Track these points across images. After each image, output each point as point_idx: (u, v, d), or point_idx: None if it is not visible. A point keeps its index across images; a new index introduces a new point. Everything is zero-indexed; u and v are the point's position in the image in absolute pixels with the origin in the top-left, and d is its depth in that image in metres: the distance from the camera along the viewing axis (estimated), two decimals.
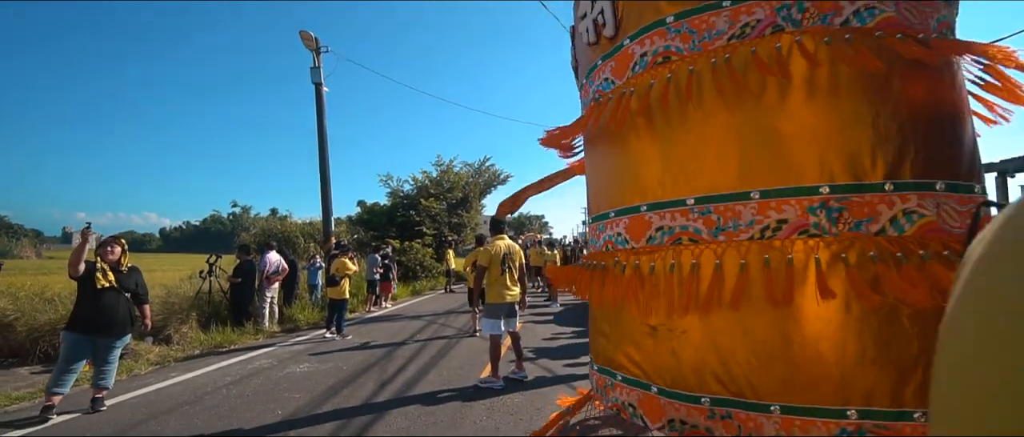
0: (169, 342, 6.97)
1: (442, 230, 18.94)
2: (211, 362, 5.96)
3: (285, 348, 6.84)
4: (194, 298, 8.20)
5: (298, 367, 5.64)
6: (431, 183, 20.06)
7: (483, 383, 4.80)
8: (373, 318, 9.92)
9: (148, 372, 5.60)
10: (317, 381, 5.02)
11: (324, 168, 11.29)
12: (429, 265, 17.05)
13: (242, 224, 52.24)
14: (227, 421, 3.86)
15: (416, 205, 18.77)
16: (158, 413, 4.08)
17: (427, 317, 9.90)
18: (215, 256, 8.71)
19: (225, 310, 8.31)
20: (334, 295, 7.72)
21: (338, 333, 7.52)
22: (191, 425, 3.78)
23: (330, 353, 6.40)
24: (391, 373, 5.35)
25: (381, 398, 4.45)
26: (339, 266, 7.79)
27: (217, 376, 5.31)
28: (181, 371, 5.54)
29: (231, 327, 7.73)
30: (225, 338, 7.28)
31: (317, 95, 11.19)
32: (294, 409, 4.14)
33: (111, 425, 3.79)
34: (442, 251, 17.03)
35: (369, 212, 19.79)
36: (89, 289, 4.12)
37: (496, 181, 23.04)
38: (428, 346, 6.83)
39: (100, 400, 4.14)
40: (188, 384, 5.01)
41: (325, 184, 11.31)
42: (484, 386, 4.73)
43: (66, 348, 3.98)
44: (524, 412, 4.06)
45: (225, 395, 4.58)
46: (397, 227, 18.34)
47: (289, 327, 8.71)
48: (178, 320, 7.46)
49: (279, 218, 22.45)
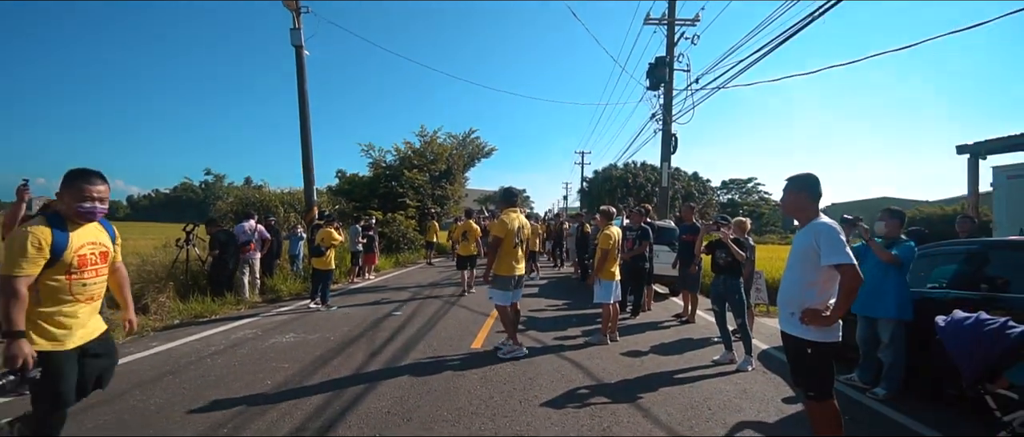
0: (146, 311, 6.75)
1: (425, 202, 18.73)
2: (192, 332, 5.81)
3: (269, 318, 6.72)
4: (171, 267, 7.94)
5: (284, 337, 5.55)
6: (414, 154, 19.70)
7: (506, 353, 4.84)
8: (358, 289, 9.82)
9: (125, 341, 5.42)
10: (305, 351, 4.95)
11: (305, 135, 10.90)
12: (412, 237, 16.89)
13: (215, 193, 50.60)
14: (216, 390, 3.78)
15: (399, 176, 18.46)
16: (141, 382, 3.95)
17: (412, 288, 9.85)
18: (192, 224, 8.42)
19: (204, 280, 8.09)
20: (319, 266, 7.58)
21: (323, 304, 7.41)
22: (178, 394, 3.69)
23: (316, 324, 6.31)
24: (379, 344, 5.31)
25: (372, 368, 4.42)
26: (325, 236, 7.63)
27: (199, 346, 5.18)
28: (162, 341, 5.38)
29: (211, 297, 7.54)
30: (205, 308, 7.10)
31: (297, 58, 10.69)
32: (284, 379, 4.07)
33: (92, 394, 3.66)
34: (425, 223, 16.86)
35: (350, 183, 19.36)
36: None
37: (480, 154, 22.80)
38: (416, 317, 6.81)
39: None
40: (169, 354, 4.87)
41: (306, 152, 10.95)
42: (507, 356, 4.79)
43: None
44: (517, 381, 4.09)
45: (210, 365, 4.48)
46: (380, 198, 18.05)
47: (271, 297, 8.55)
48: (155, 289, 7.22)
49: (255, 187, 21.81)
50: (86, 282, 2.31)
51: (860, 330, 4.12)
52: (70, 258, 2.22)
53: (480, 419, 3.30)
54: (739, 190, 65.35)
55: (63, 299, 2.24)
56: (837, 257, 2.39)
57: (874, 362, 4.03)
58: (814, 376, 2.53)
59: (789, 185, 2.69)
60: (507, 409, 3.48)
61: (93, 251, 2.34)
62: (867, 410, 3.66)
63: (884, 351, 3.87)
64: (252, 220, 8.99)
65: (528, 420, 3.30)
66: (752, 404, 3.72)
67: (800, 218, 2.66)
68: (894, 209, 4.17)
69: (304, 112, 10.87)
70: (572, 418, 3.34)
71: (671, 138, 13.44)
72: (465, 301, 8.25)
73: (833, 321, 2.44)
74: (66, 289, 2.24)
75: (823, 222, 2.53)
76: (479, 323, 6.45)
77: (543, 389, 3.92)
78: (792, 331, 2.57)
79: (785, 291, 2.67)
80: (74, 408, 3.41)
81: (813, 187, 2.61)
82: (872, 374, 4.06)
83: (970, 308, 2.90)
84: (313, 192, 11.37)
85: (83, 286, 2.29)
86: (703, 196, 48.33)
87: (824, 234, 2.45)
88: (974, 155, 8.69)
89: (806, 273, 2.53)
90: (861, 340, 4.12)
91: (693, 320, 6.74)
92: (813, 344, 2.49)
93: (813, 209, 2.61)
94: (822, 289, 2.50)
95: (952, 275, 4.10)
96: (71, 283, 2.25)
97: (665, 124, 13.41)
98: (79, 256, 2.25)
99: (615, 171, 44.37)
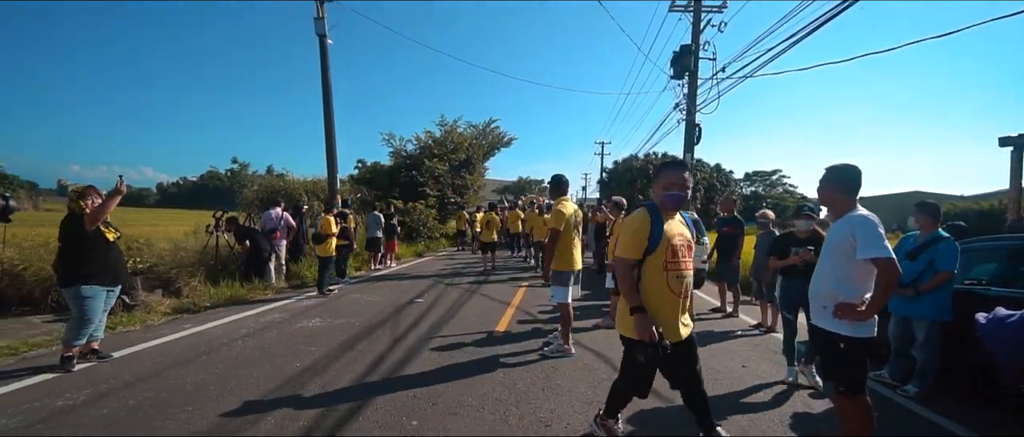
0: (179, 295, 7.01)
1: (445, 191, 18.84)
2: (223, 315, 6.01)
3: (297, 303, 6.90)
4: (202, 252, 8.20)
5: (310, 322, 5.69)
6: (434, 143, 19.78)
7: (553, 351, 4.52)
8: (380, 276, 9.99)
9: (161, 323, 5.64)
10: (331, 335, 5.07)
11: (329, 125, 11.06)
12: (432, 226, 17.04)
13: (240, 181, 51.91)
14: (248, 370, 3.91)
15: (419, 165, 18.58)
16: (178, 363, 4.12)
17: (433, 276, 9.97)
18: (221, 211, 8.66)
19: (232, 265, 8.34)
20: (321, 252, 7.83)
21: (319, 291, 7.59)
22: (212, 374, 3.83)
23: (341, 309, 6.45)
24: (403, 329, 5.41)
25: (397, 353, 4.50)
26: (323, 224, 7.86)
27: (231, 328, 5.36)
28: (195, 323, 5.58)
29: (240, 282, 7.78)
30: (235, 292, 7.34)
31: (321, 47, 10.81)
32: (312, 361, 4.19)
33: (132, 373, 3.84)
34: (445, 213, 16.97)
35: (371, 171, 19.60)
36: (101, 241, 4.08)
37: (500, 143, 22.75)
38: (438, 304, 6.90)
39: (99, 351, 4.17)
40: (203, 335, 5.05)
41: (330, 141, 11.11)
42: (554, 354, 4.49)
43: (89, 301, 3.96)
44: (540, 369, 4.12)
45: (242, 347, 4.63)
46: (400, 187, 18.22)
47: (296, 283, 8.77)
48: (187, 273, 7.48)
49: (277, 175, 22.24)
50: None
51: (893, 326, 4.00)
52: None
53: (504, 405, 3.34)
54: (763, 182, 63.83)
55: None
56: (875, 251, 2.32)
57: (906, 359, 3.92)
58: (845, 371, 2.48)
59: (823, 176, 2.63)
60: (530, 396, 3.52)
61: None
62: (898, 407, 3.58)
63: (918, 349, 3.76)
64: (279, 208, 9.22)
65: (551, 407, 3.33)
66: (775, 394, 3.67)
67: (833, 210, 2.59)
68: (927, 203, 3.93)
69: (327, 101, 11.01)
70: (595, 407, 3.35)
71: (695, 128, 13.17)
72: (486, 289, 8.31)
73: (868, 316, 2.38)
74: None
75: (859, 214, 2.46)
76: (501, 311, 6.50)
77: (565, 377, 3.94)
78: (824, 325, 2.52)
79: (817, 284, 2.61)
80: (115, 385, 3.60)
81: (846, 180, 2.53)
82: (903, 371, 3.95)
83: (1013, 306, 2.80)
84: (337, 181, 11.56)
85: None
86: (726, 188, 47.33)
87: (861, 227, 2.38)
88: (1018, 148, 8.29)
89: (840, 266, 2.47)
90: (893, 336, 4.00)
91: (736, 314, 6.60)
92: (846, 339, 2.43)
93: (847, 202, 2.53)
94: (857, 283, 2.43)
95: (994, 271, 3.93)
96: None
97: (689, 114, 13.14)
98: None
99: (636, 162, 43.77)
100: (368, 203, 16.62)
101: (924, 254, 3.72)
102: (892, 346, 4.03)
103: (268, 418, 3.04)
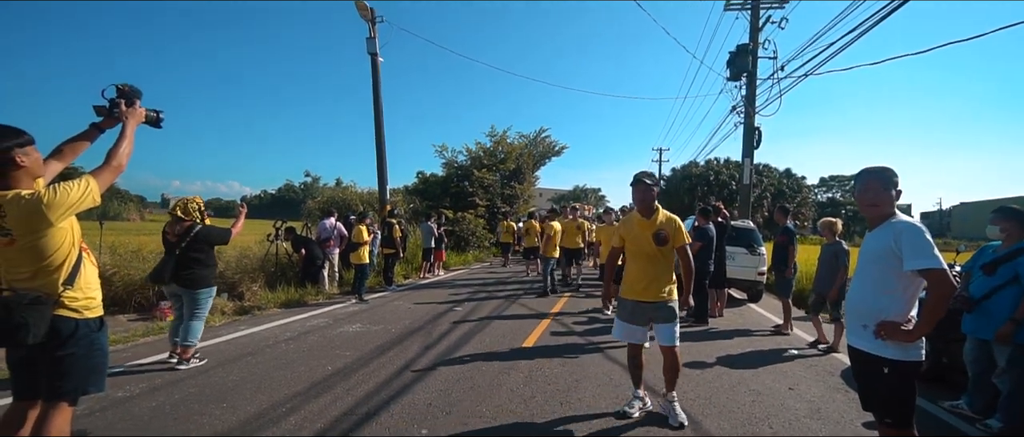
0: (241, 298, 7.58)
1: (495, 201, 19.04)
2: (276, 318, 6.42)
3: (342, 308, 7.23)
4: (263, 260, 8.84)
5: (350, 327, 5.93)
6: (485, 154, 20.09)
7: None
8: (426, 284, 10.24)
9: (220, 324, 6.12)
10: (366, 341, 5.24)
11: (380, 139, 11.59)
12: (481, 236, 17.25)
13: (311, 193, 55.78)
14: (282, 372, 4.13)
15: (469, 176, 18.94)
16: (225, 361, 4.45)
17: (476, 285, 10.06)
18: (281, 222, 9.30)
19: (290, 272, 8.92)
20: (353, 260, 8.19)
21: (354, 295, 7.97)
22: (252, 374, 4.08)
23: (381, 315, 6.67)
24: (436, 337, 5.48)
25: (425, 360, 4.57)
26: (356, 234, 8.12)
27: (278, 331, 5.70)
28: (249, 325, 6.00)
29: (295, 288, 8.29)
30: (290, 297, 7.82)
31: (373, 66, 11.39)
32: (343, 365, 4.35)
33: (185, 370, 4.18)
34: (495, 222, 17.13)
35: (425, 182, 20.24)
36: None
37: (551, 152, 22.67)
38: (474, 313, 6.93)
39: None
40: (253, 337, 5.42)
41: (380, 154, 11.63)
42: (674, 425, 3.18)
43: (210, 301, 4.53)
44: (561, 382, 4.00)
45: (284, 349, 4.91)
46: (451, 197, 18.65)
47: (346, 290, 9.18)
48: (249, 279, 8.09)
49: (342, 188, 23.64)
50: None
51: (969, 349, 3.48)
52: None
53: (517, 418, 3.27)
54: (841, 188, 58.67)
55: None
56: (924, 261, 2.02)
57: (987, 387, 3.38)
58: (892, 400, 2.17)
59: (857, 179, 2.35)
60: (547, 411, 3.42)
61: None
62: None
63: (1001, 376, 3.23)
64: (332, 218, 9.74)
65: (566, 425, 3.21)
66: (825, 426, 3.30)
67: (874, 213, 2.28)
68: (1011, 208, 3.40)
69: (378, 117, 11.55)
70: (612, 426, 3.19)
71: (754, 132, 12.39)
72: (525, 300, 8.25)
73: (916, 337, 2.08)
74: None
75: (904, 220, 2.17)
76: (534, 324, 6.41)
77: (587, 392, 3.79)
78: (864, 346, 2.23)
79: (856, 300, 2.31)
80: (168, 380, 3.91)
81: (884, 176, 2.22)
82: (984, 401, 3.41)
83: None
84: (387, 191, 12.05)
85: None
86: (797, 194, 43.99)
87: (907, 233, 2.09)
88: None
89: (882, 279, 2.18)
90: (970, 361, 3.48)
91: (786, 330, 6.13)
92: (891, 362, 2.13)
93: (890, 198, 2.22)
94: (902, 298, 2.14)
95: None
96: None
97: (747, 117, 12.40)
98: None
99: (695, 168, 41.92)
100: (421, 213, 17.17)
101: (1005, 267, 3.20)
102: (970, 371, 3.50)
103: (290, 419, 3.19)
